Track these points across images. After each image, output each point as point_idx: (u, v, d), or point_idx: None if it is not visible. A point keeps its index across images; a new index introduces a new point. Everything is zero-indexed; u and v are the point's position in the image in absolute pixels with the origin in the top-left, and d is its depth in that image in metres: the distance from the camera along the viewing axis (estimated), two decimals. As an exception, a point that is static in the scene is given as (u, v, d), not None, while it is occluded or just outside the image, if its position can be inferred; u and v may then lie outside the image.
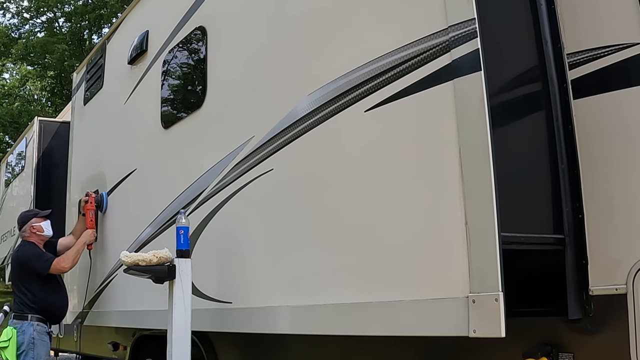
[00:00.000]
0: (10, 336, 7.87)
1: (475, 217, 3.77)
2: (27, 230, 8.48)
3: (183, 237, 5.98)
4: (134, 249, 7.71)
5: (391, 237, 4.39)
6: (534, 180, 4.34)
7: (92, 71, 10.35)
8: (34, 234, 8.45)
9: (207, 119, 6.71)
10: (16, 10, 46.22)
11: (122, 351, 8.98)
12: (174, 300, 5.92)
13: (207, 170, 6.46)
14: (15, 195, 14.77)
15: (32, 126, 13.18)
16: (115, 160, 9.01)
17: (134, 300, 7.93)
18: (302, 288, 5.21)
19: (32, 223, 8.49)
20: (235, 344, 6.69)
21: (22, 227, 8.53)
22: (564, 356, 3.95)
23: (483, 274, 3.68)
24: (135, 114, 8.43)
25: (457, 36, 3.95)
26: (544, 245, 4.19)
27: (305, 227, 5.22)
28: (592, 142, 4.12)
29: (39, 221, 8.53)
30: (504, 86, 4.31)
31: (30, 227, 8.47)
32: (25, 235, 8.51)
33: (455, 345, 4.19)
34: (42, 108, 47.10)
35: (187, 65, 7.48)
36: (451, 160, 3.92)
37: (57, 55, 42.76)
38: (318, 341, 5.43)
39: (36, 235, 8.45)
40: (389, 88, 4.42)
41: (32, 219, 8.56)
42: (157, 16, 8.23)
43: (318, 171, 5.12)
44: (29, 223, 8.49)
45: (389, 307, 4.32)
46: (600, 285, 3.91)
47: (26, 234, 8.51)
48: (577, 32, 4.31)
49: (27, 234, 8.49)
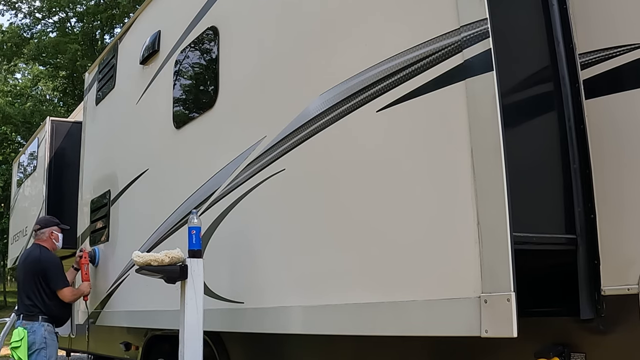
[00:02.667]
0: (22, 336, 7.98)
1: (487, 217, 3.76)
2: (47, 233, 8.76)
3: (195, 237, 5.99)
4: (146, 249, 7.73)
5: (403, 237, 4.38)
6: (546, 180, 4.33)
7: (104, 71, 10.38)
8: (50, 240, 8.74)
9: (219, 119, 6.72)
10: (28, 10, 46.36)
11: (134, 351, 9.02)
12: (186, 301, 5.93)
13: (219, 170, 6.47)
14: (27, 195, 14.78)
15: (44, 126, 13.19)
16: (127, 160, 9.03)
17: (146, 301, 7.94)
18: (314, 288, 5.21)
19: (53, 229, 8.82)
20: (247, 344, 6.71)
21: (43, 230, 8.74)
22: (575, 356, 3.95)
23: (495, 274, 3.67)
24: (147, 114, 8.45)
25: (469, 36, 3.94)
26: (555, 245, 4.18)
27: (317, 227, 5.22)
28: (604, 142, 4.11)
29: (58, 231, 8.86)
30: (515, 86, 4.30)
31: (50, 233, 8.77)
32: (42, 238, 8.73)
33: (467, 345, 4.19)
34: (54, 108, 47.20)
35: (199, 65, 7.48)
36: (463, 161, 3.92)
37: (69, 55, 42.88)
38: (330, 341, 5.44)
39: (51, 242, 8.75)
40: (401, 88, 4.41)
41: (55, 226, 8.88)
42: (169, 16, 8.25)
43: (330, 171, 5.11)
44: (52, 228, 8.81)
45: (401, 307, 4.31)
46: (612, 285, 3.91)
47: (44, 236, 8.74)
48: (589, 32, 4.30)
49: (44, 236, 8.73)
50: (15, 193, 16.38)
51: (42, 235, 8.71)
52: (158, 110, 8.00)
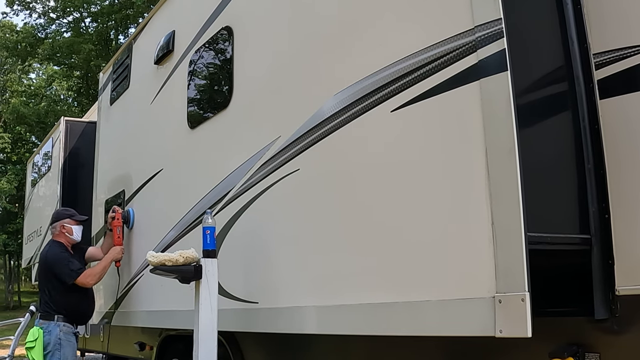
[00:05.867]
0: (36, 336, 7.83)
1: (501, 217, 3.76)
2: (58, 227, 8.43)
3: (209, 237, 5.99)
4: (161, 249, 7.74)
5: (417, 237, 4.39)
6: (560, 180, 4.33)
7: (119, 71, 10.41)
8: (63, 234, 8.41)
9: (234, 119, 6.73)
10: (42, 10, 46.57)
11: (148, 351, 9.02)
12: (201, 301, 5.94)
13: (233, 170, 6.48)
14: (41, 195, 14.83)
15: (59, 126, 13.24)
16: (141, 160, 9.06)
17: (161, 301, 7.96)
18: (329, 288, 5.22)
19: (64, 222, 8.45)
20: (261, 344, 6.71)
21: (54, 224, 8.48)
22: (590, 356, 3.94)
23: (509, 274, 3.68)
24: (162, 114, 8.47)
25: (483, 36, 3.95)
26: (570, 245, 4.18)
27: (332, 228, 5.23)
28: (618, 142, 4.10)
29: (71, 223, 8.49)
30: (530, 86, 4.30)
31: (61, 226, 8.43)
32: (55, 233, 8.46)
33: (481, 345, 4.19)
34: (69, 108, 47.37)
35: (213, 65, 7.50)
36: (477, 160, 3.92)
37: (83, 55, 43.02)
38: (344, 341, 5.44)
39: (65, 236, 8.41)
40: (416, 88, 4.42)
41: (67, 219, 8.51)
42: (183, 16, 8.27)
43: (344, 171, 5.12)
44: (62, 221, 8.45)
45: (416, 307, 4.32)
46: (627, 285, 3.90)
47: (56, 231, 8.45)
48: (603, 32, 4.29)
49: (56, 231, 8.44)
50: (30, 193, 16.43)
51: (54, 230, 8.47)
52: (172, 110, 8.01)
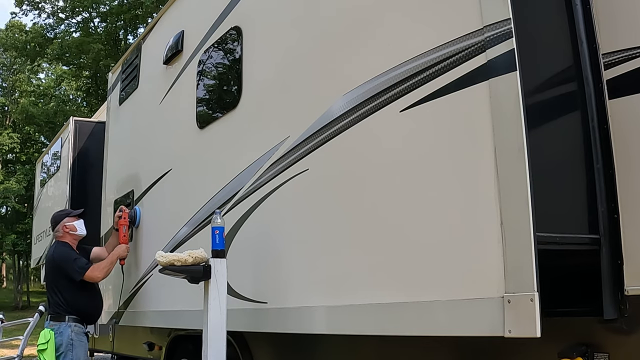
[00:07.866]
0: (48, 338, 7.82)
1: (510, 217, 3.76)
2: (61, 230, 8.46)
3: (218, 237, 5.99)
4: (170, 248, 7.76)
5: (426, 237, 4.39)
6: (569, 180, 4.32)
7: (128, 71, 10.43)
8: (68, 234, 8.44)
9: (243, 119, 6.73)
10: (51, 10, 46.67)
11: (157, 351, 9.03)
12: (210, 300, 5.94)
13: (242, 170, 6.48)
14: (50, 195, 14.85)
15: (68, 126, 13.26)
16: (150, 160, 9.07)
17: (169, 301, 7.96)
18: (338, 288, 5.22)
19: (65, 222, 8.48)
20: (270, 344, 6.72)
21: (56, 227, 8.51)
22: (599, 356, 3.94)
23: (518, 274, 3.67)
24: (171, 114, 8.48)
25: (492, 36, 3.95)
26: (579, 245, 4.17)
27: (341, 227, 5.22)
28: (627, 142, 4.10)
29: (71, 220, 8.53)
30: (539, 86, 4.30)
31: (63, 227, 8.46)
32: (59, 235, 8.48)
33: (490, 345, 4.19)
34: (78, 108, 47.48)
35: (222, 65, 7.50)
36: (486, 160, 3.92)
37: (92, 55, 43.08)
38: (353, 341, 5.44)
39: (70, 234, 8.44)
40: (425, 88, 4.42)
41: (65, 218, 8.55)
42: (192, 16, 8.27)
43: (353, 171, 5.12)
44: (62, 223, 8.47)
45: (425, 307, 4.32)
46: (636, 285, 3.89)
47: (59, 233, 8.48)
48: (612, 32, 4.29)
49: (60, 233, 8.47)
50: (39, 193, 16.46)
51: (58, 233, 8.49)
52: (181, 110, 8.02)
